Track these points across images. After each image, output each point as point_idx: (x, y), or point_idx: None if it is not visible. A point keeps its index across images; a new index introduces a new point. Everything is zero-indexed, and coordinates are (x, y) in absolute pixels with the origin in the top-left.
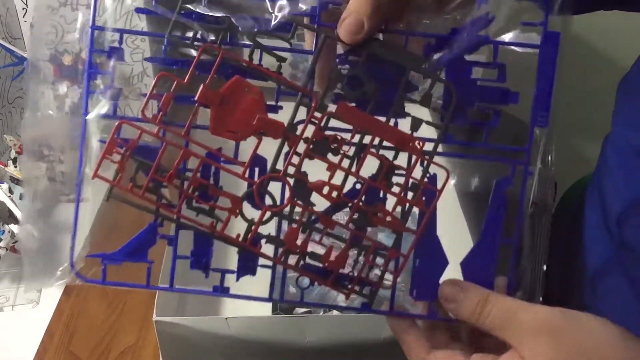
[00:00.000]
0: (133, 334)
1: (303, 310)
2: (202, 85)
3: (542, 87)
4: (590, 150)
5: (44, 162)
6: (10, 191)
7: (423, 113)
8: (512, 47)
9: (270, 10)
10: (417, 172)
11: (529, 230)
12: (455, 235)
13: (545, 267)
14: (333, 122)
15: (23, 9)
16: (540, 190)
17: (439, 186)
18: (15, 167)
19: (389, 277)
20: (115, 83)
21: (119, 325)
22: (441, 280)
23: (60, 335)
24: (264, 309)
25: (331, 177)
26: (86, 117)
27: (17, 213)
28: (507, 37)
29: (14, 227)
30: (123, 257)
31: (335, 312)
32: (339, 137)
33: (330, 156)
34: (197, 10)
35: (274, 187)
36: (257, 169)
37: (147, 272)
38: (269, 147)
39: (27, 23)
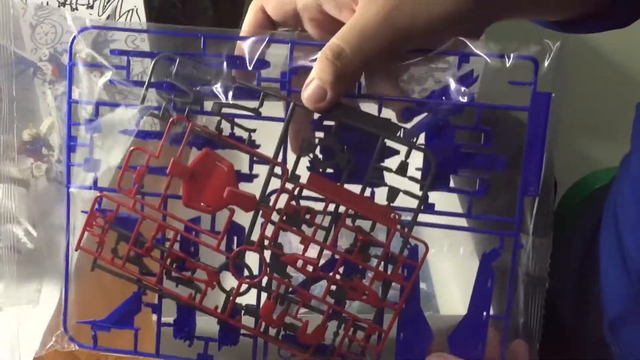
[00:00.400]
0: (132, 334)
1: (304, 310)
2: (172, 159)
3: (532, 153)
4: (590, 150)
5: (44, 163)
6: (10, 191)
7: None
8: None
9: (234, 82)
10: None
11: (523, 306)
12: None
13: (539, 321)
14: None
15: (22, 8)
16: (535, 261)
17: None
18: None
19: None
20: (94, 155)
21: None
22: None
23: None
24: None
25: (305, 250)
26: (70, 190)
27: (17, 213)
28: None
29: (13, 227)
30: (111, 324)
31: None
32: (312, 209)
33: (306, 227)
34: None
35: (254, 256)
36: (235, 238)
37: (134, 338)
38: (248, 214)
39: (27, 23)
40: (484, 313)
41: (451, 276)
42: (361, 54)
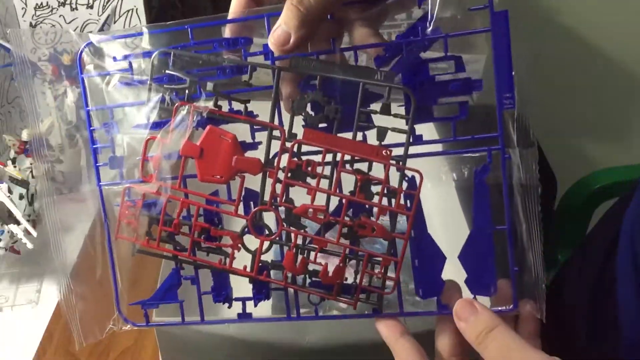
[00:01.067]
0: (132, 335)
1: (304, 310)
2: (183, 141)
3: (501, 68)
4: (590, 150)
5: (44, 163)
6: (10, 191)
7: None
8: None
9: (225, 62)
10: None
11: (522, 214)
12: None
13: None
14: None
15: (22, 8)
16: (525, 171)
17: None
18: (15, 167)
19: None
20: (116, 153)
21: None
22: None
23: (59, 335)
24: (264, 310)
25: (313, 199)
26: (101, 186)
27: (17, 213)
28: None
29: (13, 227)
30: (158, 300)
31: (335, 312)
32: (312, 161)
33: (311, 179)
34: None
35: (272, 217)
36: (251, 203)
37: (180, 309)
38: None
39: (27, 23)
40: (488, 227)
41: (431, 208)
42: (322, 1)
